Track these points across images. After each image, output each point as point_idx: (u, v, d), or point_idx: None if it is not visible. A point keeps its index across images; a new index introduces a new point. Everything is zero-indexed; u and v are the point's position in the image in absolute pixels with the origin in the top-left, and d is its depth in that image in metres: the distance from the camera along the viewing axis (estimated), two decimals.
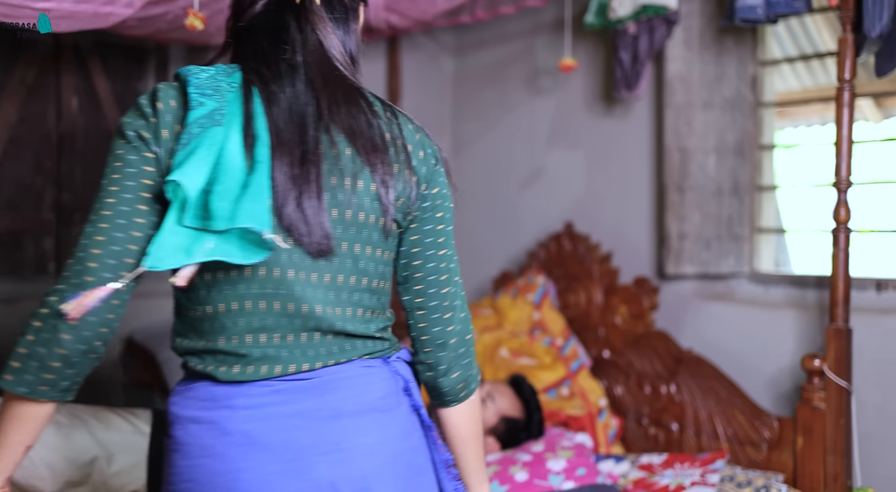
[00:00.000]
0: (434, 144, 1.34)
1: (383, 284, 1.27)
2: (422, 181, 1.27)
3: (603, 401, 2.82)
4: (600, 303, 2.99)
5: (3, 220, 3.01)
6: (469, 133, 3.92)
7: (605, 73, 3.28)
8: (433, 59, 3.95)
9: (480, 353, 2.88)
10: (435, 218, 1.29)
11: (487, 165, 3.83)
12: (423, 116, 3.88)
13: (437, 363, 1.30)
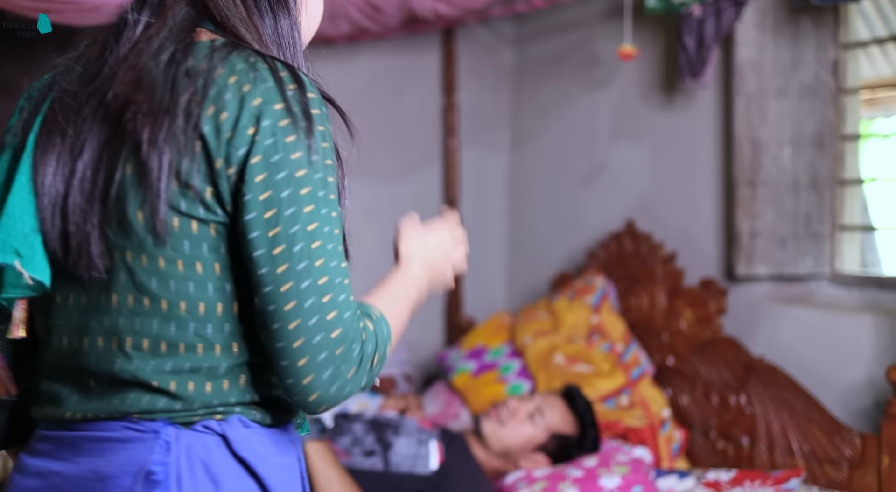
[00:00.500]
0: (280, 92, 0.97)
1: (187, 307, 0.93)
2: (217, 155, 0.92)
3: (666, 412, 2.63)
4: (664, 306, 2.79)
5: None
6: (529, 128, 3.76)
7: (667, 61, 3.08)
8: (491, 51, 3.80)
9: (534, 359, 2.72)
10: (259, 203, 0.92)
11: (547, 162, 3.66)
12: (481, 112, 3.78)
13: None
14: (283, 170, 0.90)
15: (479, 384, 2.78)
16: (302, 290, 0.90)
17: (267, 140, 0.90)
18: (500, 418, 2.27)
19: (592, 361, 2.69)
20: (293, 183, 0.91)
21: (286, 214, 0.90)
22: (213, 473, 0.92)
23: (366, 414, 2.28)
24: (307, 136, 0.92)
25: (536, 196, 3.70)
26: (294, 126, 0.91)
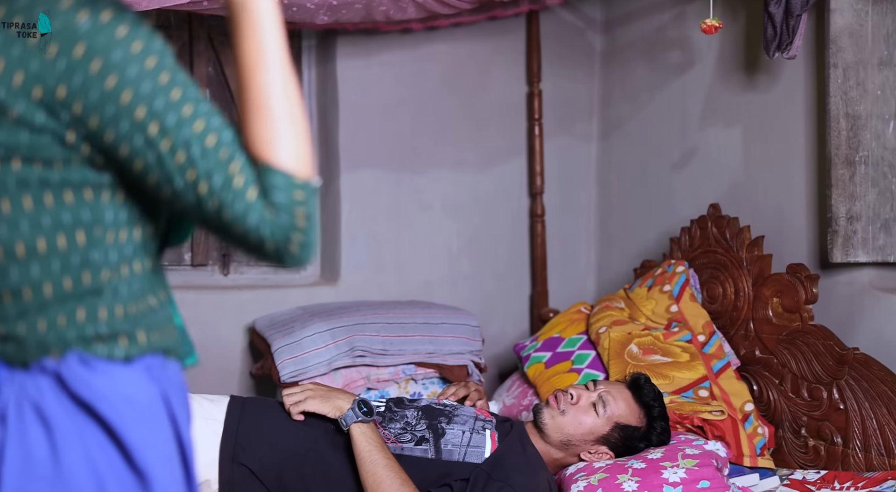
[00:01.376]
0: None
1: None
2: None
3: (750, 406, 2.46)
4: (749, 294, 2.62)
5: None
6: (619, 115, 3.62)
7: (750, 35, 2.89)
8: (580, 35, 3.69)
9: (608, 349, 2.60)
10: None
11: (637, 149, 3.51)
12: (569, 99, 3.67)
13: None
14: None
15: (551, 375, 2.68)
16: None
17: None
18: (559, 406, 2.17)
19: (670, 352, 2.55)
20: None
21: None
22: (46, 415, 0.88)
23: (421, 401, 2.23)
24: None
25: (626, 185, 3.56)
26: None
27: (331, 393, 2.04)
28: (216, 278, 3.18)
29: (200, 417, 1.95)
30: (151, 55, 0.89)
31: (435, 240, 3.40)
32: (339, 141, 3.23)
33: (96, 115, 0.87)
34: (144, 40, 0.89)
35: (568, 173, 3.66)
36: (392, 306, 2.91)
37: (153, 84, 0.87)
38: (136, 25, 0.90)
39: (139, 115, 0.87)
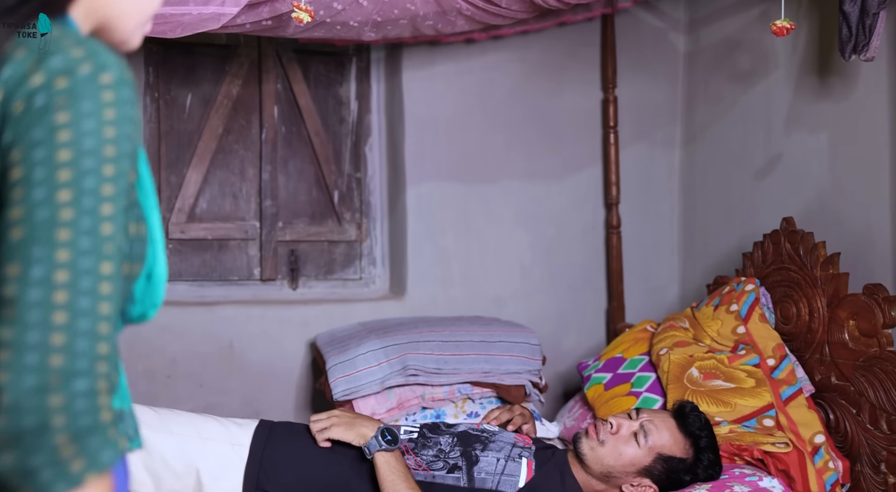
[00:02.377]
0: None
1: None
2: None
3: (820, 438, 2.28)
4: (824, 315, 2.43)
5: (210, 227, 3.14)
6: (703, 119, 3.45)
7: (824, 35, 2.69)
8: (661, 37, 3.53)
9: (667, 372, 2.47)
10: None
11: (721, 156, 3.33)
12: (650, 103, 3.52)
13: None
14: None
15: (609, 397, 2.57)
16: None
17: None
18: (598, 436, 2.07)
19: (733, 377, 2.39)
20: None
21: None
22: None
23: (458, 426, 2.17)
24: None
25: (710, 194, 3.38)
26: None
27: (356, 420, 2.01)
28: (284, 293, 3.21)
29: (227, 442, 1.96)
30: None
31: (506, 252, 3.33)
32: (405, 154, 3.21)
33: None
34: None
35: (648, 181, 3.51)
36: (450, 323, 2.86)
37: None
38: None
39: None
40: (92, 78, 0.80)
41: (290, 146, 3.24)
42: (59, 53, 0.80)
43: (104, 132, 0.79)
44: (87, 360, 0.76)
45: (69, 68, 0.79)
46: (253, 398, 3.01)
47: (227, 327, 3.01)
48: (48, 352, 0.75)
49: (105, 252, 0.79)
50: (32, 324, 0.75)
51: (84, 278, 0.77)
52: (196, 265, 3.14)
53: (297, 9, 2.01)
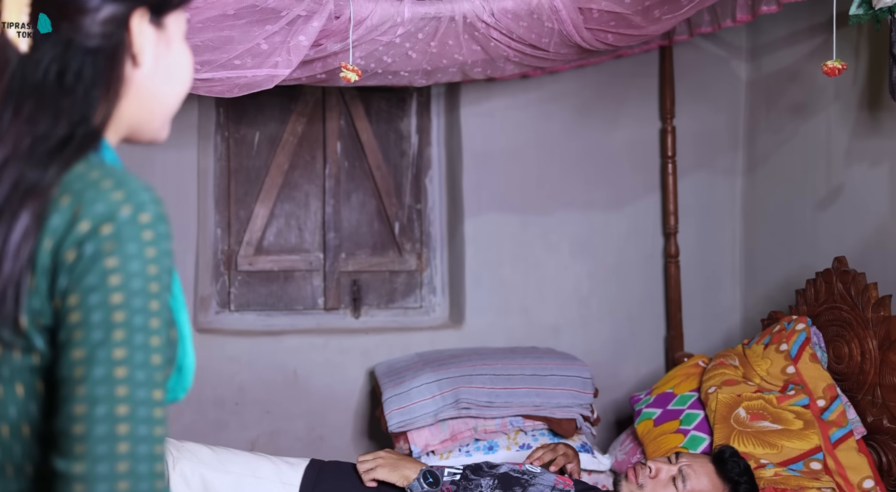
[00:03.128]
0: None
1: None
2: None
3: (870, 483, 2.28)
4: (876, 358, 2.41)
5: (277, 259, 3.29)
6: (764, 148, 3.43)
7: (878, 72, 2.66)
8: (723, 65, 3.53)
9: (714, 411, 2.49)
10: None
11: (783, 184, 3.32)
12: (711, 131, 3.52)
13: None
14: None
15: (658, 434, 2.60)
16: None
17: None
18: (637, 480, 2.11)
19: (781, 418, 2.40)
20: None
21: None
22: None
23: (500, 467, 2.24)
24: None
25: (771, 223, 3.37)
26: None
27: (400, 462, 2.11)
28: (347, 321, 3.34)
29: (279, 481, 2.08)
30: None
31: (563, 282, 3.39)
32: (462, 187, 3.29)
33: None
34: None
35: (709, 209, 3.52)
36: (503, 355, 2.93)
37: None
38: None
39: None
40: (133, 219, 0.89)
41: (353, 180, 3.36)
42: (101, 199, 0.90)
43: (148, 271, 0.89)
44: (148, 481, 0.87)
45: (111, 213, 0.89)
46: (316, 424, 3.14)
47: (292, 356, 3.14)
48: (116, 480, 0.86)
49: (155, 380, 0.89)
50: (101, 457, 0.85)
51: (141, 409, 0.87)
52: (263, 295, 3.29)
53: (345, 69, 2.12)
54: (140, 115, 1.04)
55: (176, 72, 1.05)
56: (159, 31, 1.02)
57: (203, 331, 3.13)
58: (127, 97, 1.01)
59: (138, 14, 0.99)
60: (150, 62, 1.01)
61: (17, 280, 0.88)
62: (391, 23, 2.21)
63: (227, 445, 2.97)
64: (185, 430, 2.98)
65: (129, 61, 0.99)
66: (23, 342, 0.90)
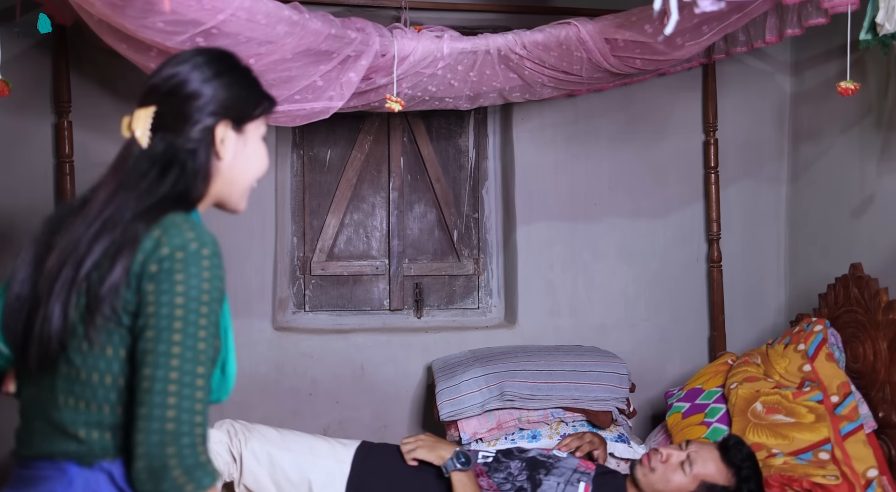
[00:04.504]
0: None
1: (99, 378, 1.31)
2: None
3: (873, 472, 2.46)
4: (885, 358, 2.59)
5: (346, 265, 3.64)
6: (806, 157, 3.60)
7: None
8: (768, 78, 3.71)
9: (734, 404, 2.70)
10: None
11: (821, 192, 3.48)
12: (755, 142, 3.70)
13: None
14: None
15: (685, 426, 2.83)
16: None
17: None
18: (650, 464, 2.36)
19: (795, 412, 2.60)
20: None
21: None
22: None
23: (530, 452, 2.52)
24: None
25: (811, 229, 3.54)
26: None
27: (437, 444, 2.41)
28: (410, 321, 3.66)
29: (333, 459, 2.42)
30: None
31: (610, 285, 3.62)
32: (515, 197, 3.57)
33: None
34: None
35: (754, 215, 3.70)
36: (547, 353, 3.19)
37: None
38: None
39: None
40: (197, 252, 1.30)
41: (415, 192, 3.68)
42: (179, 235, 1.31)
43: (202, 286, 1.29)
44: (189, 426, 1.25)
45: (184, 245, 1.30)
46: (381, 413, 3.47)
47: (360, 352, 3.48)
48: (166, 422, 1.24)
49: (199, 360, 1.27)
50: (157, 405, 1.24)
51: (187, 376, 1.26)
52: (335, 297, 3.64)
53: (389, 100, 2.44)
54: (223, 192, 1.47)
55: (250, 163, 1.48)
56: (238, 135, 1.45)
57: (281, 329, 3.49)
58: (215, 180, 1.44)
59: (223, 124, 1.41)
60: (230, 157, 1.44)
61: (119, 281, 1.29)
62: (432, 58, 2.51)
63: (303, 430, 3.34)
64: (264, 417, 3.34)
65: (214, 156, 1.42)
66: (115, 319, 1.29)
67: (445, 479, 2.36)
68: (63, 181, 3.15)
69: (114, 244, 1.29)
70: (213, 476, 1.27)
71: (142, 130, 1.36)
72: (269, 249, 3.48)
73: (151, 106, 1.38)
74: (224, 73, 1.43)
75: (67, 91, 3.11)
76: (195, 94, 1.39)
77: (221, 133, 1.40)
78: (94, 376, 1.30)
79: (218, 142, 1.40)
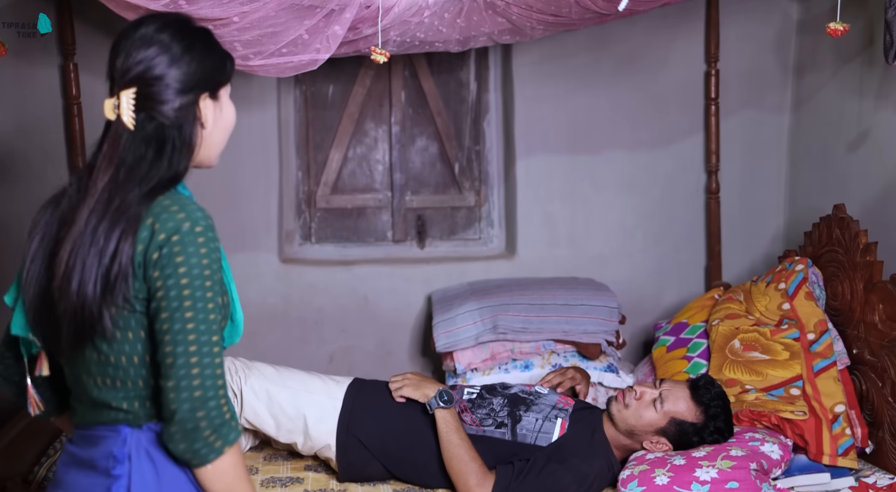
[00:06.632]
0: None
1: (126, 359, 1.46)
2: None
3: (841, 408, 2.57)
4: (861, 297, 2.66)
5: (350, 198, 3.74)
6: (808, 87, 3.59)
7: None
8: (774, 5, 3.66)
9: (714, 341, 2.81)
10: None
11: (821, 124, 3.48)
12: (758, 70, 3.68)
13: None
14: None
15: (668, 359, 2.94)
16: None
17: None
18: (624, 401, 2.49)
19: (770, 349, 2.70)
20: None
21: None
22: (152, 454, 1.48)
23: (512, 388, 2.66)
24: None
25: (811, 160, 3.55)
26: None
27: (423, 383, 2.56)
28: (413, 252, 3.77)
29: (326, 396, 2.58)
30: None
31: (609, 216, 3.70)
32: (514, 131, 3.62)
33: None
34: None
35: (755, 145, 3.72)
36: (541, 286, 3.30)
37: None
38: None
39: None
40: (191, 231, 1.41)
41: (417, 126, 3.75)
42: (171, 219, 1.41)
43: (202, 262, 1.41)
44: (213, 391, 1.40)
45: (178, 228, 1.41)
46: (384, 341, 3.63)
47: (364, 283, 3.62)
48: (193, 390, 1.38)
49: (213, 330, 1.41)
50: (183, 377, 1.38)
51: (205, 347, 1.40)
52: (339, 229, 3.76)
53: (374, 52, 2.49)
54: (204, 156, 1.56)
55: (226, 125, 1.57)
56: (215, 102, 1.53)
57: (287, 261, 3.63)
58: (199, 149, 1.53)
59: (203, 97, 1.50)
60: (211, 125, 1.53)
61: (125, 271, 1.41)
62: (417, 7, 2.55)
63: (310, 357, 3.54)
64: (274, 345, 3.54)
65: (199, 127, 1.51)
66: (129, 307, 1.43)
67: (430, 415, 2.51)
68: (72, 122, 3.27)
69: (122, 235, 1.40)
70: (237, 431, 1.43)
71: (127, 113, 1.43)
72: (273, 183, 3.59)
73: (131, 88, 1.45)
74: (192, 47, 1.48)
75: (72, 34, 3.19)
76: (170, 75, 1.45)
77: (203, 105, 1.49)
78: (122, 359, 1.44)
79: (202, 114, 1.49)
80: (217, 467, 1.40)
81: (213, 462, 1.39)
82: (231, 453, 1.41)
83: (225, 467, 1.40)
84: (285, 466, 2.66)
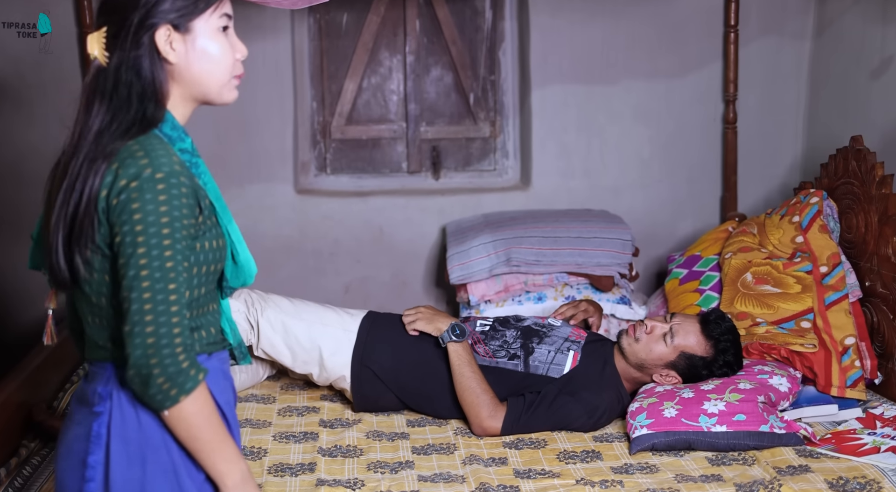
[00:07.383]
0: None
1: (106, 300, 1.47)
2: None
3: (851, 340, 2.58)
4: (875, 230, 2.65)
5: (365, 129, 3.73)
6: (831, 13, 3.50)
7: None
8: None
9: (727, 274, 2.81)
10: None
11: (844, 50, 3.41)
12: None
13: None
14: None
15: (681, 291, 2.96)
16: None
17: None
18: (635, 335, 2.51)
19: (782, 283, 2.70)
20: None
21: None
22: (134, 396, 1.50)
23: (525, 320, 2.69)
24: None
25: (832, 88, 3.49)
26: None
27: (435, 316, 2.59)
28: (428, 183, 3.77)
29: (341, 328, 2.63)
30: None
31: (624, 147, 3.67)
32: (530, 60, 3.57)
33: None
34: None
35: (775, 72, 3.66)
36: (554, 219, 3.30)
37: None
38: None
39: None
40: (151, 177, 1.38)
41: (432, 55, 3.70)
42: (133, 165, 1.38)
43: (160, 209, 1.38)
44: (168, 338, 1.38)
45: (138, 174, 1.38)
46: (399, 272, 3.67)
47: (379, 214, 3.64)
48: (146, 337, 1.38)
49: (169, 278, 1.39)
50: (137, 323, 1.38)
51: (159, 295, 1.38)
52: (354, 160, 3.77)
53: None
54: (194, 92, 1.49)
55: (210, 59, 1.47)
56: (186, 35, 1.45)
57: (303, 192, 3.65)
58: (178, 83, 1.47)
59: (162, 29, 1.43)
60: (181, 59, 1.45)
61: (91, 217, 1.40)
62: None
63: (325, 288, 3.58)
64: (290, 276, 3.58)
65: (164, 62, 1.45)
66: (99, 250, 1.43)
67: (443, 348, 2.55)
68: (86, 51, 3.25)
69: (88, 180, 1.39)
70: (195, 380, 1.40)
71: (98, 51, 1.42)
72: (288, 114, 3.58)
73: (103, 27, 1.44)
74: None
75: None
76: (130, 6, 1.42)
77: (162, 38, 1.43)
78: (102, 300, 1.46)
79: (161, 48, 1.44)
80: (174, 414, 1.40)
81: (169, 409, 1.40)
82: (191, 401, 1.39)
83: (183, 415, 1.40)
84: (302, 395, 2.73)
